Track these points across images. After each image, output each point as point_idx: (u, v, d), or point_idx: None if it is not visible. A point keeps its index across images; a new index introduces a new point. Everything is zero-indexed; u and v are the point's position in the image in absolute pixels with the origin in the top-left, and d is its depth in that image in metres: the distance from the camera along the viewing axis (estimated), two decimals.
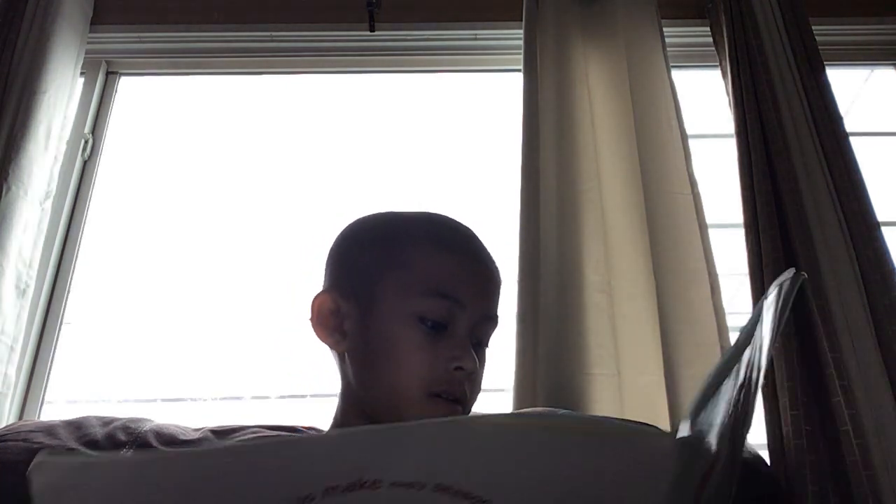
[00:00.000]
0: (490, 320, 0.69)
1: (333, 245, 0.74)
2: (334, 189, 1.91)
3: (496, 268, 0.72)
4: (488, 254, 0.72)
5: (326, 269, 0.74)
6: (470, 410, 0.68)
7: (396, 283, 0.66)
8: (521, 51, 1.78)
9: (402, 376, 0.64)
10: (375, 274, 0.68)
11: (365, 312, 0.67)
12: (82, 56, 1.83)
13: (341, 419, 0.70)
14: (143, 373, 1.73)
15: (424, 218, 0.73)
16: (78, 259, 1.73)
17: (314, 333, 0.69)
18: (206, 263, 1.84)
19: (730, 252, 1.65)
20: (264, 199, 1.90)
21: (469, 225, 0.75)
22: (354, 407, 0.68)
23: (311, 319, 0.69)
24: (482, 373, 0.69)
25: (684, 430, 0.34)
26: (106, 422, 1.17)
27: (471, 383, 0.66)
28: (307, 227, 1.82)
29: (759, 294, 1.52)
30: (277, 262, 1.80)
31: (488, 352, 0.73)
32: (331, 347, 0.70)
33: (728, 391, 0.38)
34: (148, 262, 1.84)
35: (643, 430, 0.34)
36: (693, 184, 1.64)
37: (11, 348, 1.50)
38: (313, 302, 0.69)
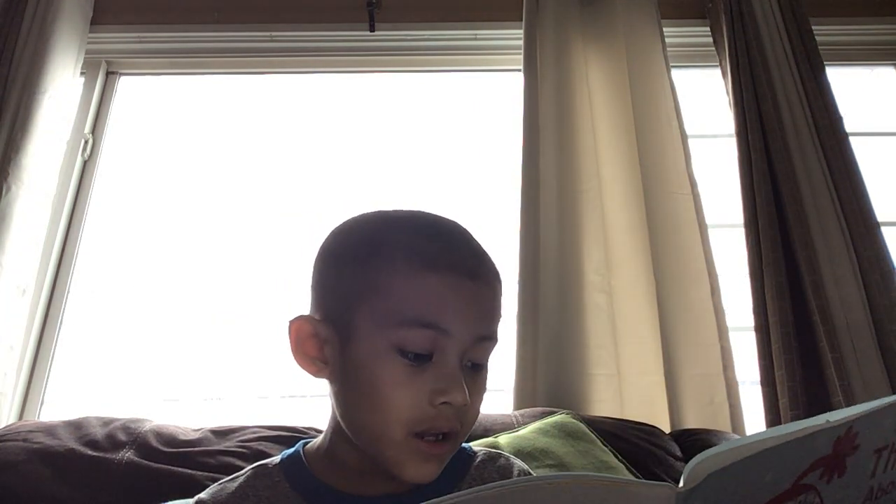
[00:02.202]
0: (486, 340, 0.60)
1: (315, 258, 0.66)
2: (334, 188, 1.91)
3: (492, 278, 0.62)
4: (481, 262, 0.62)
5: (310, 287, 0.66)
6: (459, 445, 0.62)
7: (372, 312, 0.58)
8: (521, 51, 1.78)
9: (382, 416, 0.57)
10: (351, 299, 0.60)
11: (343, 342, 0.60)
12: (82, 56, 1.84)
13: (329, 443, 0.65)
14: (143, 373, 1.73)
15: (405, 226, 0.63)
16: (78, 259, 1.73)
17: (295, 362, 0.63)
18: (206, 263, 1.84)
19: (730, 252, 1.65)
20: (264, 198, 1.90)
21: (461, 224, 0.65)
22: (342, 434, 0.62)
23: (291, 347, 0.62)
24: (479, 399, 0.62)
25: (689, 483, 0.32)
26: (106, 422, 1.17)
27: (463, 415, 0.59)
28: (307, 227, 1.82)
29: (759, 294, 1.53)
30: (278, 262, 1.80)
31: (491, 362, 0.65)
32: (313, 375, 0.63)
33: (776, 469, 0.35)
34: (148, 262, 1.83)
35: (639, 482, 0.34)
36: (693, 184, 1.65)
37: (11, 348, 1.50)
38: (290, 327, 0.62)
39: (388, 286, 0.58)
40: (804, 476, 0.36)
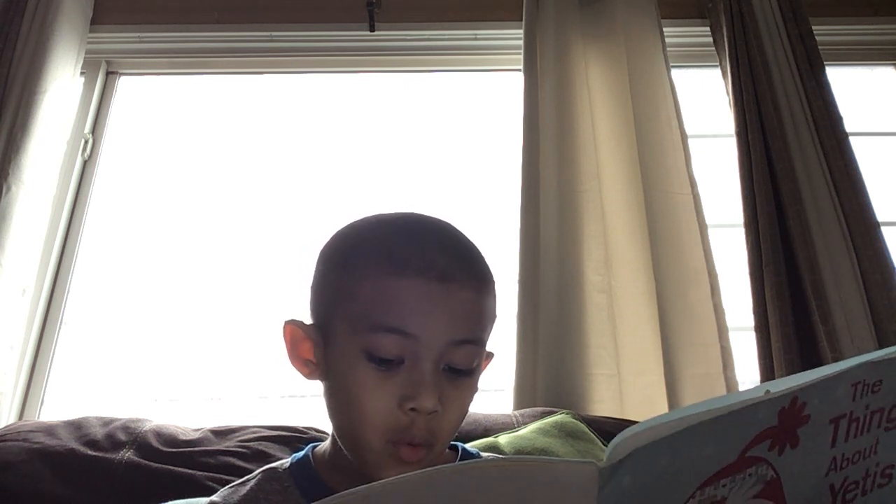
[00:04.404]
0: (464, 345, 0.59)
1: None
2: (334, 189, 1.91)
3: (471, 280, 0.60)
4: (459, 264, 0.60)
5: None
6: (440, 451, 0.61)
7: (346, 317, 0.59)
8: (521, 51, 1.78)
9: (357, 421, 0.58)
10: (330, 304, 0.62)
11: (326, 345, 0.61)
12: (82, 56, 1.83)
13: (332, 447, 0.65)
14: (143, 373, 1.73)
15: (383, 230, 0.63)
16: (78, 259, 1.73)
17: (290, 364, 0.65)
18: (206, 263, 1.84)
19: (730, 252, 1.65)
20: (264, 198, 1.90)
21: (449, 225, 0.65)
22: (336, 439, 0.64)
23: (287, 350, 0.64)
24: (460, 405, 0.60)
25: (612, 458, 0.32)
26: (106, 422, 1.17)
27: (438, 421, 0.58)
28: (307, 227, 1.82)
29: (759, 294, 1.53)
30: (278, 262, 1.80)
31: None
32: (306, 378, 0.64)
33: (715, 442, 0.34)
34: (148, 262, 1.83)
35: (561, 460, 0.34)
36: (693, 184, 1.65)
37: (11, 348, 1.50)
38: (284, 330, 0.64)
39: (359, 291, 0.59)
40: (749, 448, 0.36)
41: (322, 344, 0.62)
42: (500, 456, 0.62)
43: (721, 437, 0.35)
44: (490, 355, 0.67)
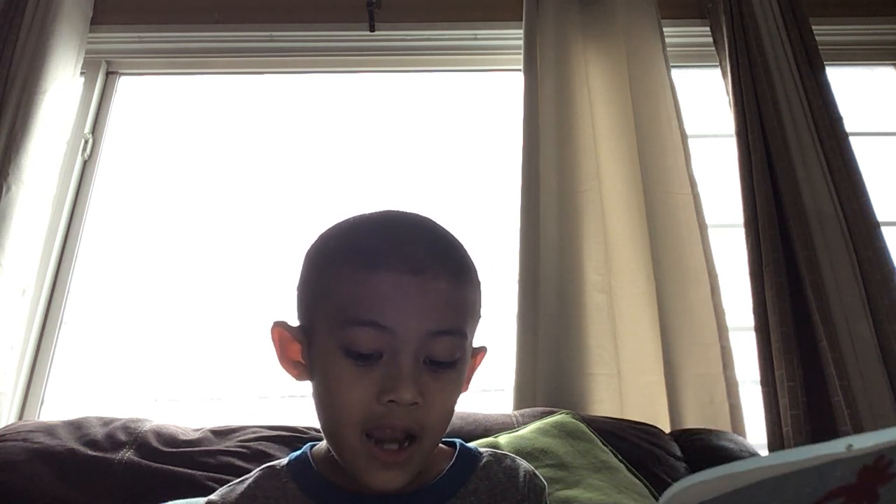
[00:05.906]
0: (443, 336, 0.58)
1: None
2: (334, 189, 1.91)
3: (446, 272, 0.59)
4: (434, 256, 0.60)
5: None
6: (426, 449, 0.60)
7: (325, 315, 0.60)
8: (521, 51, 1.78)
9: (336, 418, 0.59)
10: (310, 303, 0.63)
11: (310, 346, 0.62)
12: (82, 56, 1.83)
13: (327, 449, 0.65)
14: (143, 373, 1.73)
15: (358, 230, 0.63)
16: (78, 259, 1.73)
17: (280, 366, 0.66)
18: (206, 263, 1.84)
19: (730, 252, 1.65)
20: (264, 198, 1.90)
21: (428, 220, 0.65)
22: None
23: (276, 353, 0.65)
24: (444, 398, 0.60)
25: None
26: (106, 422, 1.17)
27: (419, 414, 0.57)
28: (307, 227, 1.82)
29: (759, 294, 1.52)
30: (278, 262, 1.80)
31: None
32: (296, 379, 0.65)
33: (781, 499, 0.31)
34: (148, 262, 1.83)
35: None
36: (693, 184, 1.65)
37: (11, 348, 1.50)
38: (272, 334, 0.65)
39: (335, 288, 0.59)
40: None
41: (306, 344, 0.63)
42: None
43: (789, 495, 0.32)
44: (482, 350, 0.67)
